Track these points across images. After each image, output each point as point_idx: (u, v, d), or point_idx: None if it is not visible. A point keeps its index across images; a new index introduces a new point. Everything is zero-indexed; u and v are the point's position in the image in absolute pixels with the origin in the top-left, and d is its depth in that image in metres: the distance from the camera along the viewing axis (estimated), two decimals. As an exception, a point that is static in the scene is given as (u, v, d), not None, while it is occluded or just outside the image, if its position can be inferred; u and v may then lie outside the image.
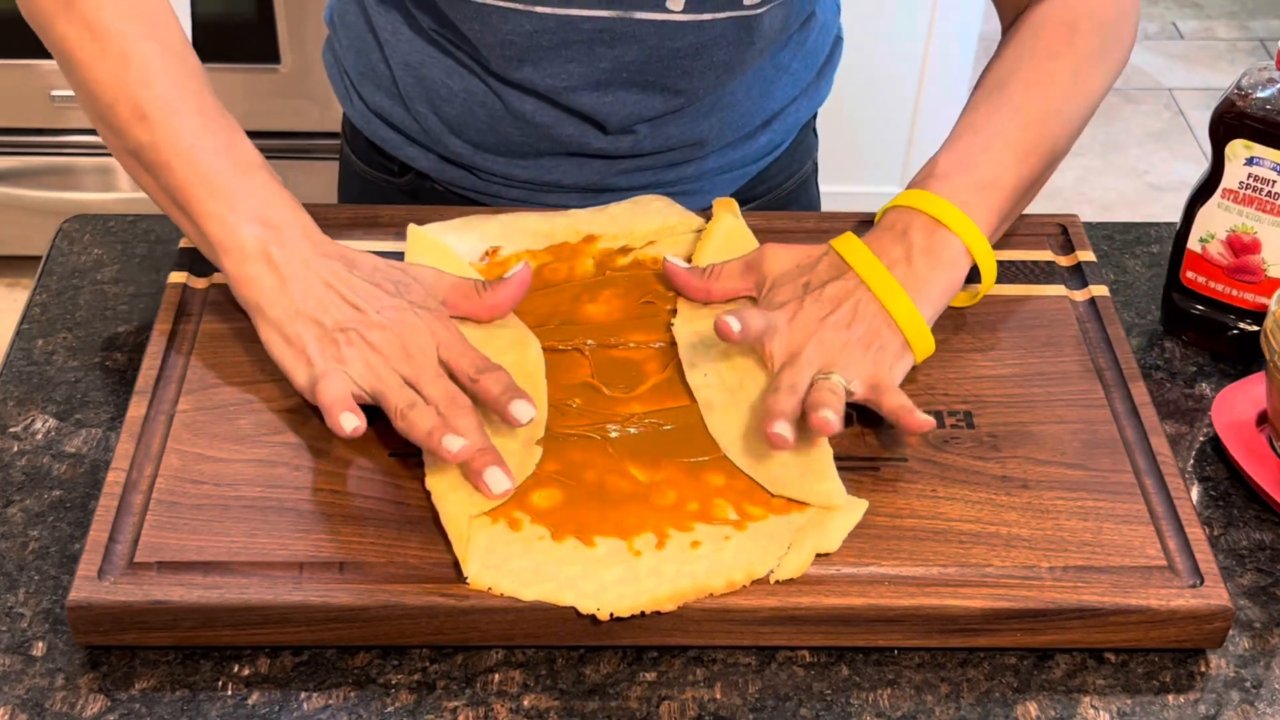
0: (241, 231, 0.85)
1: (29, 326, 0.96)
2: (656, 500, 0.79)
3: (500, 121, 1.03)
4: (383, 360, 0.82)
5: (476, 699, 0.74)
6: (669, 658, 0.76)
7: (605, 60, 0.98)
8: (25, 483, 0.84)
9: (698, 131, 1.05)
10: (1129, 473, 0.83)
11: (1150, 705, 0.75)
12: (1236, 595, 0.81)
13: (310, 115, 2.20)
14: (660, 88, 1.00)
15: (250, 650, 0.76)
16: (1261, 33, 3.26)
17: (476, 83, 1.02)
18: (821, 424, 0.79)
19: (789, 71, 1.08)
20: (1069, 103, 0.95)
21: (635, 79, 0.99)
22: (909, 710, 0.74)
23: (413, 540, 0.77)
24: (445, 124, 1.06)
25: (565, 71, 0.98)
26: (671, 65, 0.98)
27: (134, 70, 0.87)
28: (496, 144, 1.05)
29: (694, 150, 1.07)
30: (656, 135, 1.04)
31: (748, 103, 1.06)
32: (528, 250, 0.95)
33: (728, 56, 0.99)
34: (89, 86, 0.89)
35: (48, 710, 0.73)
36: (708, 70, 1.00)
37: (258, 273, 0.85)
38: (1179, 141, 2.93)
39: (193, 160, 0.86)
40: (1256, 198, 0.93)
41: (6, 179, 2.28)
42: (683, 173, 1.08)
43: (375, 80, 1.08)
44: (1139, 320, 1.01)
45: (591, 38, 0.96)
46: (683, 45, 0.97)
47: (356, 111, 1.11)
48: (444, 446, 0.77)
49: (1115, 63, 0.99)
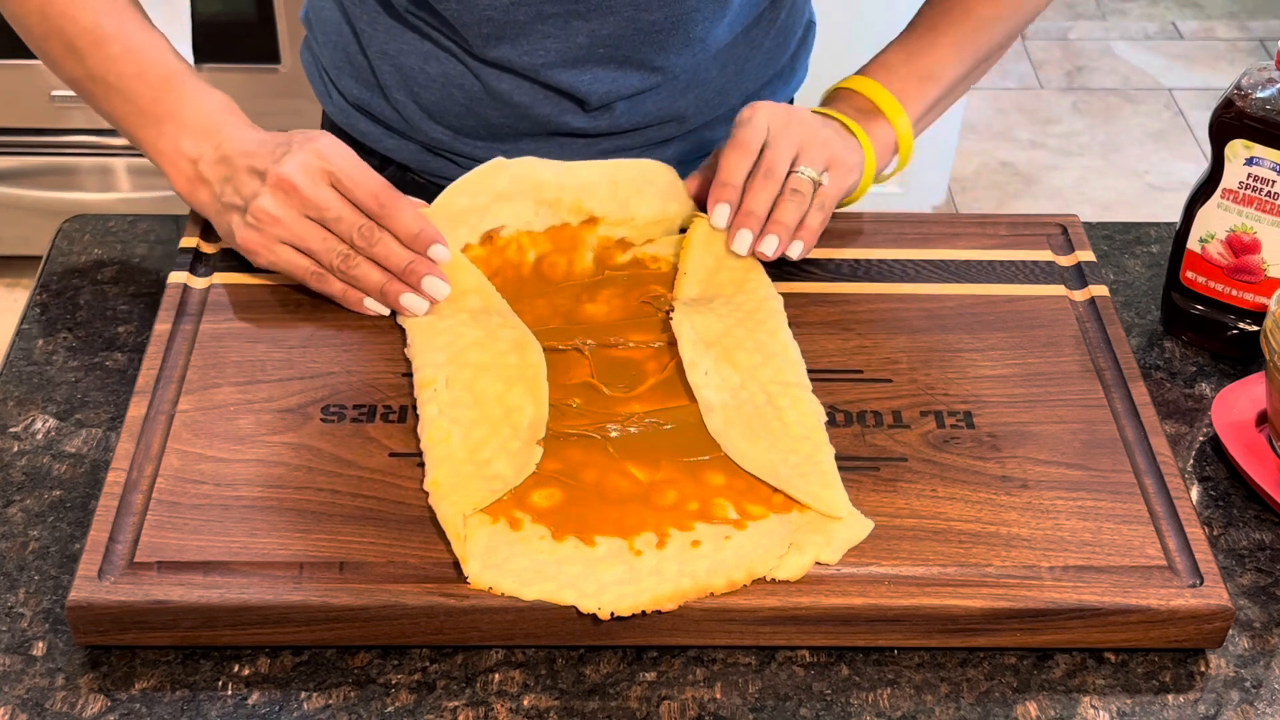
0: (177, 160, 0.92)
1: (29, 326, 0.96)
2: (657, 500, 0.79)
3: (479, 103, 1.04)
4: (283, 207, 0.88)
5: (476, 699, 0.74)
6: (669, 658, 0.76)
7: (582, 35, 0.99)
8: (25, 483, 0.84)
9: (675, 108, 1.06)
10: (1129, 473, 0.83)
11: (1150, 705, 0.75)
12: (1236, 595, 0.81)
13: (310, 115, 2.19)
14: (636, 63, 1.02)
15: (250, 650, 0.76)
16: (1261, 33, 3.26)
17: (454, 65, 1.03)
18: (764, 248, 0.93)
19: (762, 49, 1.10)
20: (1017, 10, 1.05)
21: (612, 54, 1.00)
22: (909, 710, 0.74)
23: (413, 540, 0.77)
24: (424, 110, 1.06)
25: (542, 48, 1.00)
26: (647, 39, 1.00)
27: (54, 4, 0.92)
28: (476, 127, 1.06)
29: (672, 128, 1.08)
30: (634, 112, 1.05)
31: (722, 80, 1.08)
32: (527, 231, 0.95)
33: (701, 30, 1.01)
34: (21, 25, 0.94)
35: (48, 710, 0.73)
36: (683, 45, 1.01)
37: (196, 191, 0.93)
38: (1179, 141, 2.93)
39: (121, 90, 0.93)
40: (1256, 198, 0.93)
41: (6, 179, 2.27)
42: (663, 154, 1.08)
43: (353, 73, 1.08)
44: (1139, 320, 1.01)
45: (567, 10, 0.97)
46: (657, 18, 0.99)
47: (335, 107, 1.12)
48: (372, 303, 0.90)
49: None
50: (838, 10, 1.84)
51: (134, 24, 0.93)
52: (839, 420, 0.86)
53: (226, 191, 0.90)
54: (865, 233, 1.01)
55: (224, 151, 0.91)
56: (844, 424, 0.85)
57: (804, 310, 0.93)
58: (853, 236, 1.00)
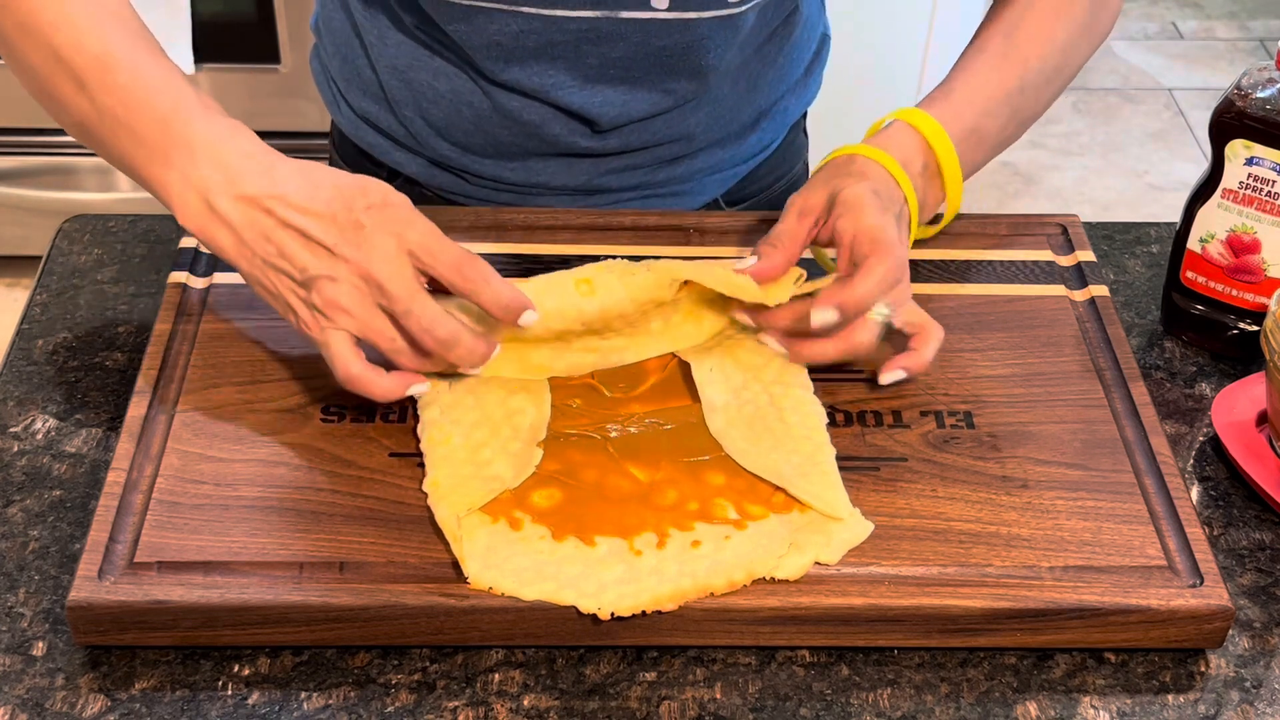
0: (185, 192, 0.80)
1: (29, 326, 0.96)
2: (657, 500, 0.79)
3: (488, 121, 1.03)
4: (359, 302, 0.78)
5: (476, 699, 0.74)
6: (669, 658, 0.76)
7: (592, 59, 0.98)
8: (25, 483, 0.84)
9: (686, 127, 1.05)
10: (1129, 473, 0.83)
11: (1150, 705, 0.75)
12: (1236, 595, 0.81)
13: (310, 115, 2.20)
14: (647, 85, 1.00)
15: (250, 650, 0.76)
16: (1261, 33, 3.26)
17: (464, 82, 1.02)
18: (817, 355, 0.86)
19: (775, 66, 1.08)
20: (1060, 72, 1.00)
21: (623, 77, 0.99)
22: (909, 710, 0.74)
23: (413, 540, 0.77)
24: (432, 127, 1.05)
25: (552, 70, 0.99)
26: (658, 63, 0.99)
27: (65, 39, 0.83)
28: (484, 145, 1.05)
29: (682, 146, 1.07)
30: (644, 132, 1.04)
31: (735, 97, 1.06)
32: None
33: (714, 54, 0.99)
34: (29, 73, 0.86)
35: (48, 710, 0.73)
36: (694, 68, 1.00)
37: (212, 230, 0.80)
38: (1179, 141, 2.93)
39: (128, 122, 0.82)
40: (1256, 198, 0.93)
41: (6, 179, 2.27)
42: (672, 172, 1.08)
43: (361, 86, 1.08)
44: (1139, 320, 1.01)
45: (578, 37, 0.96)
46: (669, 44, 0.97)
47: (344, 118, 1.11)
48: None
49: (1100, 36, 1.02)
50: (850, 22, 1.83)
51: (144, 52, 0.84)
52: (839, 420, 0.86)
53: (264, 249, 0.79)
54: (865, 233, 1.00)
55: (246, 191, 0.79)
56: (844, 424, 0.85)
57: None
58: (853, 236, 1.00)
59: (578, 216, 1.01)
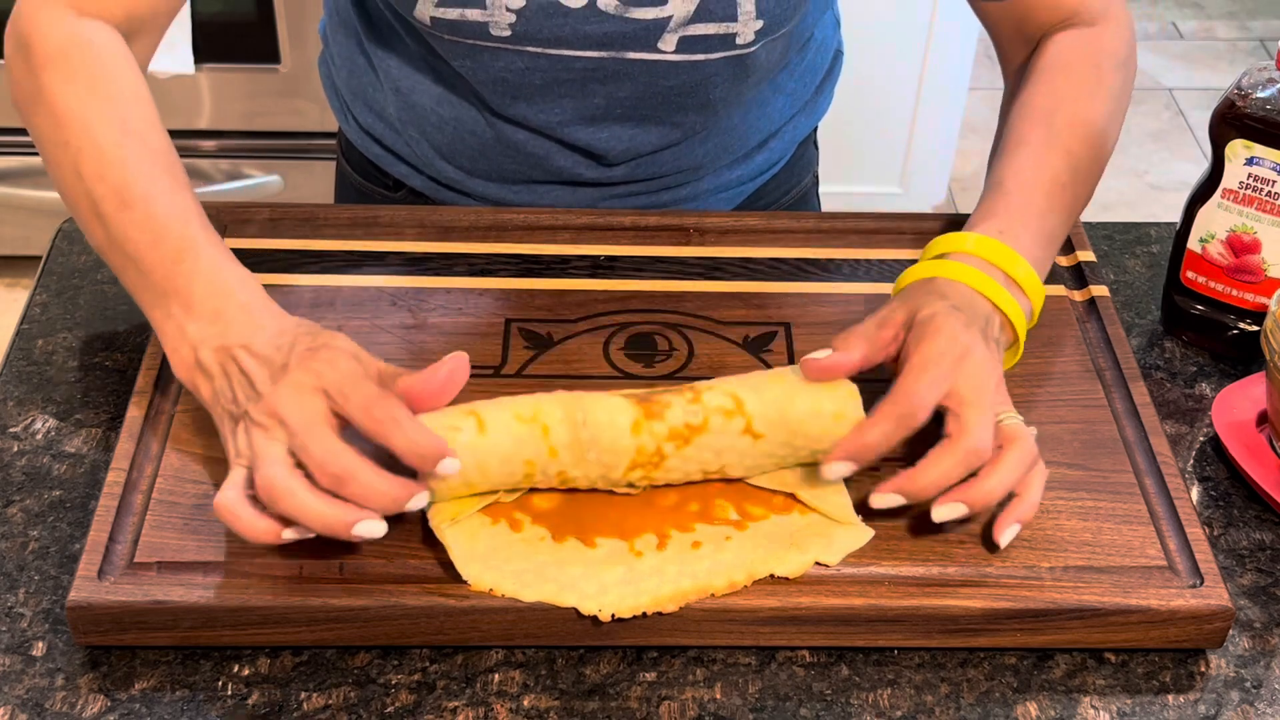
0: (179, 344, 0.80)
1: (29, 326, 0.96)
2: (657, 501, 0.79)
3: (492, 150, 1.03)
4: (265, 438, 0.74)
5: (476, 699, 0.74)
6: (669, 658, 0.76)
7: (599, 97, 0.97)
8: (25, 483, 0.84)
9: (693, 158, 1.05)
10: (1129, 473, 0.83)
11: (1150, 705, 0.75)
12: (1236, 595, 0.81)
13: (310, 115, 2.20)
14: (655, 121, 1.00)
15: (250, 650, 0.76)
16: (1261, 33, 3.26)
17: (468, 111, 1.01)
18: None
19: (786, 91, 1.08)
20: (1103, 149, 0.94)
21: (630, 114, 0.99)
22: (909, 710, 0.74)
23: (413, 540, 0.77)
24: (436, 150, 1.05)
25: (559, 107, 0.98)
26: (666, 101, 0.98)
27: (88, 163, 0.83)
28: (489, 170, 1.05)
29: (689, 175, 1.06)
30: (652, 164, 1.04)
31: (744, 126, 1.06)
32: None
33: (723, 91, 0.99)
34: (58, 185, 0.85)
35: (48, 710, 0.73)
36: (703, 103, 0.99)
37: (195, 381, 0.79)
38: (1179, 141, 2.93)
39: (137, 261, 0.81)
40: (1256, 198, 0.93)
41: (6, 179, 2.27)
42: (677, 195, 1.07)
43: (367, 101, 1.07)
44: (1139, 320, 1.01)
45: (584, 76, 0.96)
46: (676, 83, 0.97)
47: (351, 128, 1.11)
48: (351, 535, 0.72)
49: (1128, 99, 0.97)
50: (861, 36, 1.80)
51: (163, 186, 0.82)
52: (839, 420, 0.85)
53: (225, 393, 0.77)
54: (865, 233, 1.00)
55: (225, 341, 0.78)
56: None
57: (804, 310, 0.93)
58: (853, 236, 1.00)
59: (578, 216, 1.01)
